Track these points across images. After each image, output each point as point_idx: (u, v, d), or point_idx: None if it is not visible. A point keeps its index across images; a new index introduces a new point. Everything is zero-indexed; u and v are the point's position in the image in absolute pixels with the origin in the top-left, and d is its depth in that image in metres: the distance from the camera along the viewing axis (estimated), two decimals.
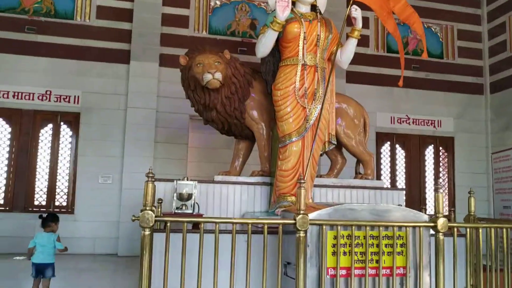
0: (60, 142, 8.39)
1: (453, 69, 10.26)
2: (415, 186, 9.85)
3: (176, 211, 4.00)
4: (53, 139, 8.35)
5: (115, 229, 8.10)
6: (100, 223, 8.12)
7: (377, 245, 2.85)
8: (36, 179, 8.20)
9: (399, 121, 9.87)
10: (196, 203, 4.27)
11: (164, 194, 4.58)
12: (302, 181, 2.75)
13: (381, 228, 2.84)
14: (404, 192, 5.45)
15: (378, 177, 9.71)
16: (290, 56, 4.56)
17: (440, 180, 10.13)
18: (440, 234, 2.92)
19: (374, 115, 9.67)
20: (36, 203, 8.13)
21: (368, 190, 5.17)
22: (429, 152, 10.12)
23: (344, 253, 2.81)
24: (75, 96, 8.37)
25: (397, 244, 2.88)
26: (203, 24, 9.09)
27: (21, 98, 8.15)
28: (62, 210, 8.13)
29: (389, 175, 9.81)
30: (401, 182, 9.87)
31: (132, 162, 8.25)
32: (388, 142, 9.88)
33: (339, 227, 2.76)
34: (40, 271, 4.44)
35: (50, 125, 8.36)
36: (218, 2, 9.20)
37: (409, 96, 9.76)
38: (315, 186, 4.85)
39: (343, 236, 2.81)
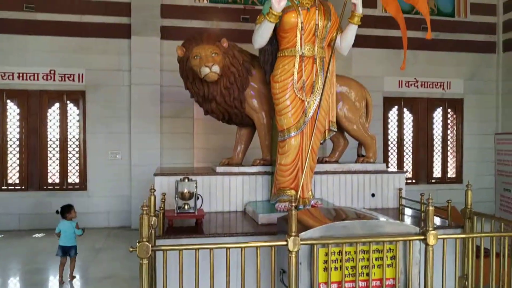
0: (68, 120, 8.54)
1: (464, 28, 9.91)
2: (423, 150, 9.84)
3: (178, 211, 4.13)
4: (61, 118, 8.49)
5: (127, 203, 8.41)
6: (113, 198, 8.43)
7: (368, 259, 2.96)
8: (48, 158, 8.43)
9: (407, 84, 9.70)
10: (199, 195, 4.39)
11: (168, 188, 4.72)
12: (293, 204, 2.83)
13: (371, 244, 2.94)
14: (405, 175, 5.46)
15: (386, 142, 9.72)
16: (288, 47, 4.48)
17: (449, 142, 10.08)
18: (430, 247, 3.02)
19: (381, 79, 9.56)
20: (50, 181, 8.41)
21: (369, 174, 5.22)
22: (438, 115, 10.02)
23: (336, 268, 2.93)
24: (79, 74, 8.41)
25: (387, 257, 2.99)
26: None
27: (26, 79, 8.24)
28: (76, 187, 8.43)
29: (396, 140, 9.79)
30: (408, 146, 9.87)
31: (139, 138, 8.40)
32: (396, 107, 9.77)
33: (330, 246, 2.87)
34: (65, 251, 5.49)
35: (57, 104, 8.47)
36: None
37: (418, 58, 9.51)
38: (316, 173, 4.93)
39: (334, 252, 2.91)
